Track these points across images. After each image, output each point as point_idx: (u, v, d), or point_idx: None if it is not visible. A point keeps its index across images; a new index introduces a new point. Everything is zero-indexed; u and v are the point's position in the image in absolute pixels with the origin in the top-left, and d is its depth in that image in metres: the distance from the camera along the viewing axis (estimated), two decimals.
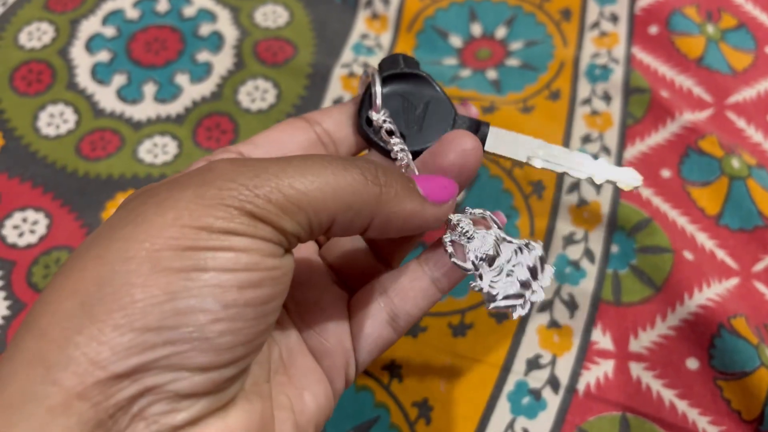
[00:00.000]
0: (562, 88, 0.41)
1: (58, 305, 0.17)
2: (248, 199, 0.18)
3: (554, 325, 0.34)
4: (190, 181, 0.19)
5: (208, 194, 0.18)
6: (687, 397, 0.31)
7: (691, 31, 0.42)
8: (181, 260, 0.17)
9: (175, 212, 0.18)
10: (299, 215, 0.19)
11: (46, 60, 0.43)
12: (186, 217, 0.18)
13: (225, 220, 0.18)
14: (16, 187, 0.38)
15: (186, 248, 0.17)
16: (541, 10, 0.45)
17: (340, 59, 0.43)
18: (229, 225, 0.18)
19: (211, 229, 0.18)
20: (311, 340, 0.24)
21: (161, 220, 0.18)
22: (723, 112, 0.39)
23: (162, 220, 0.18)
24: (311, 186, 0.19)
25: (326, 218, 0.19)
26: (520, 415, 0.32)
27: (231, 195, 0.18)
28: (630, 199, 0.36)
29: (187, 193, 0.18)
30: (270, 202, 0.18)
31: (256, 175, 0.19)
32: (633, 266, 0.34)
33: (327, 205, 0.19)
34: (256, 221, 0.18)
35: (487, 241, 0.23)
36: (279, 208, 0.19)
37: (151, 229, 0.18)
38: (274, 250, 0.19)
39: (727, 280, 0.33)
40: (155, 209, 0.18)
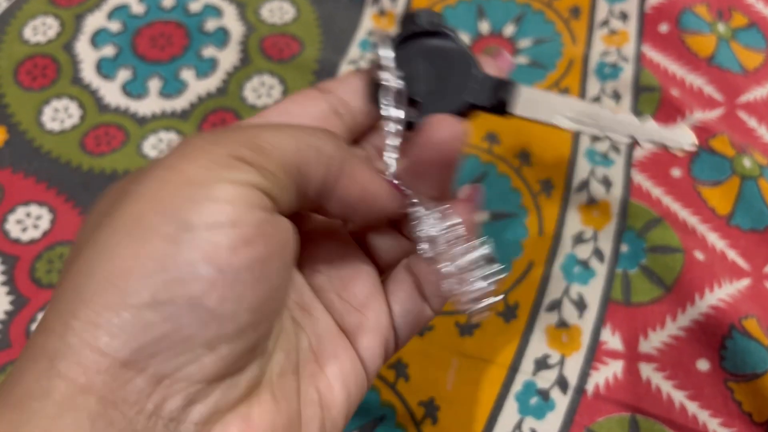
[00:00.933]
0: (571, 86, 0.41)
1: (58, 297, 0.17)
2: (222, 145, 0.18)
3: (563, 325, 0.33)
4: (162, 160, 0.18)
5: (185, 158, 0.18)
6: (697, 399, 0.31)
7: (702, 29, 0.41)
8: (166, 223, 0.17)
9: (156, 183, 0.18)
10: (272, 161, 0.18)
11: (51, 54, 0.43)
12: (166, 179, 0.17)
13: (203, 168, 0.17)
14: (20, 182, 0.38)
15: (169, 208, 0.17)
16: (550, 8, 0.44)
17: (347, 55, 0.43)
18: (207, 173, 0.17)
19: (191, 182, 0.17)
20: (349, 318, 0.23)
21: (142, 189, 0.17)
22: (734, 112, 0.39)
23: (143, 189, 0.17)
24: (280, 134, 0.19)
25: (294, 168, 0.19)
26: (528, 415, 0.31)
27: (204, 148, 0.18)
28: (640, 198, 0.36)
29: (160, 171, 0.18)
30: (243, 145, 0.18)
31: (225, 131, 0.19)
32: (643, 266, 0.34)
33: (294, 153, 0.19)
34: (234, 165, 0.18)
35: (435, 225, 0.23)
36: (253, 149, 0.18)
37: (134, 203, 0.17)
38: (261, 200, 0.18)
39: (738, 281, 0.33)
40: (136, 187, 0.18)
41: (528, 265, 0.35)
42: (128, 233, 0.17)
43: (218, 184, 0.17)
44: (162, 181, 0.17)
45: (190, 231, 0.17)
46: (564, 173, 0.37)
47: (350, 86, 0.24)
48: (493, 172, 0.38)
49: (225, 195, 0.17)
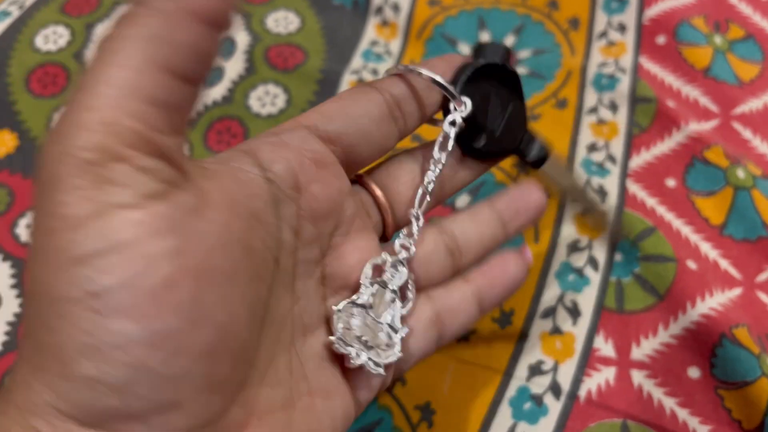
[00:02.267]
0: (569, 96, 0.42)
1: (23, 345, 0.17)
2: (68, 138, 0.16)
3: (557, 332, 0.34)
4: (37, 190, 0.17)
5: (54, 188, 0.16)
6: (688, 406, 0.31)
7: (699, 41, 0.42)
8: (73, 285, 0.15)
9: (36, 221, 0.16)
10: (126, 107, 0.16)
11: (61, 63, 0.44)
12: (48, 227, 0.16)
13: (80, 200, 0.15)
14: (30, 188, 0.39)
15: (67, 264, 0.15)
16: (550, 19, 0.45)
17: (350, 65, 0.44)
18: (86, 208, 0.15)
19: (76, 228, 0.16)
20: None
21: (33, 237, 0.16)
22: (729, 123, 0.39)
23: (33, 237, 0.16)
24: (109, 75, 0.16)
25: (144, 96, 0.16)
26: (522, 420, 0.32)
27: (60, 160, 0.16)
28: (634, 208, 0.37)
29: (35, 192, 0.16)
30: (84, 129, 0.16)
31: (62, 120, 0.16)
32: (636, 274, 0.35)
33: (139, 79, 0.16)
34: (106, 175, 0.16)
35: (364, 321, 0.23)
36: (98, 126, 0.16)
37: (32, 253, 0.16)
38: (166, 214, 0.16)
39: (730, 290, 0.34)
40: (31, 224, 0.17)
41: None
42: (48, 299, 0.16)
43: (109, 223, 0.16)
44: (44, 232, 0.16)
45: (102, 295, 0.15)
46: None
47: (405, 88, 0.24)
48: (491, 180, 0.39)
49: (124, 236, 0.16)
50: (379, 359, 0.23)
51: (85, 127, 0.16)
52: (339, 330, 0.22)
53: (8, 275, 0.36)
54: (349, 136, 0.23)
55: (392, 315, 0.24)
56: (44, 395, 0.16)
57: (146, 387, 0.16)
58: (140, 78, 0.16)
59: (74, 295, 0.15)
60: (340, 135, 0.23)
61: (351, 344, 0.23)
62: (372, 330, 0.23)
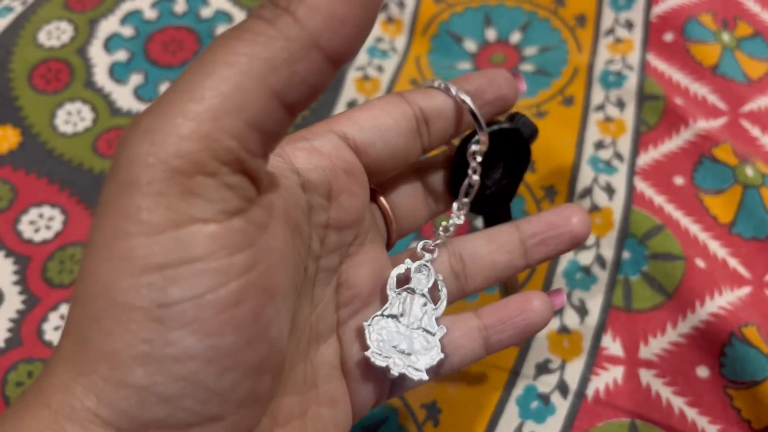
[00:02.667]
0: (575, 93, 0.41)
1: (62, 346, 0.16)
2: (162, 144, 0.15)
3: (564, 330, 0.34)
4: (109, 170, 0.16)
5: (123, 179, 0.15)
6: (697, 405, 0.31)
7: (707, 38, 0.42)
8: (140, 295, 0.15)
9: (107, 221, 0.16)
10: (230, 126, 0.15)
11: (64, 59, 0.44)
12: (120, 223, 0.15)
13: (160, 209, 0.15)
14: (32, 184, 0.39)
15: (139, 272, 0.15)
16: (556, 15, 0.45)
17: (355, 62, 0.44)
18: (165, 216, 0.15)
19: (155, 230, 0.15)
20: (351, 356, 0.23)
21: (100, 238, 0.16)
22: (737, 121, 0.39)
23: (101, 238, 0.16)
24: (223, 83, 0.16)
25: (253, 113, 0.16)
26: (529, 419, 0.32)
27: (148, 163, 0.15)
28: (642, 206, 0.36)
29: (108, 188, 0.16)
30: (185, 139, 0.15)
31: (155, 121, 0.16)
32: (644, 273, 0.34)
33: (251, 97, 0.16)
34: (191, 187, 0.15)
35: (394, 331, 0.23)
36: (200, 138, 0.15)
37: (97, 254, 0.16)
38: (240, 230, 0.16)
39: (739, 289, 0.33)
40: (95, 222, 0.16)
41: (531, 270, 0.35)
42: (106, 302, 0.15)
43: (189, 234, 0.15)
44: (116, 234, 0.15)
45: (169, 306, 0.15)
46: (567, 180, 0.38)
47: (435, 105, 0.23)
48: None
49: (201, 250, 0.15)
50: (420, 364, 0.23)
51: (182, 135, 0.15)
52: (373, 342, 0.23)
53: (11, 272, 0.36)
54: (377, 149, 0.22)
55: (426, 319, 0.24)
56: (86, 400, 0.15)
57: (195, 400, 0.16)
58: (250, 99, 0.16)
59: (140, 304, 0.15)
60: (368, 147, 0.22)
61: (387, 355, 0.23)
62: (407, 338, 0.23)
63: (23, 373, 0.33)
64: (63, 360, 0.16)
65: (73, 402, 0.15)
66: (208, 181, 0.16)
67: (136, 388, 0.15)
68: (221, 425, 0.16)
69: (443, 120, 0.23)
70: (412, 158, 0.24)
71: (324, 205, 0.21)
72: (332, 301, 0.23)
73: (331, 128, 0.22)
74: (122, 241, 0.15)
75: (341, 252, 0.23)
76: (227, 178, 0.16)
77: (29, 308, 0.35)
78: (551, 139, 0.39)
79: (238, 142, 0.16)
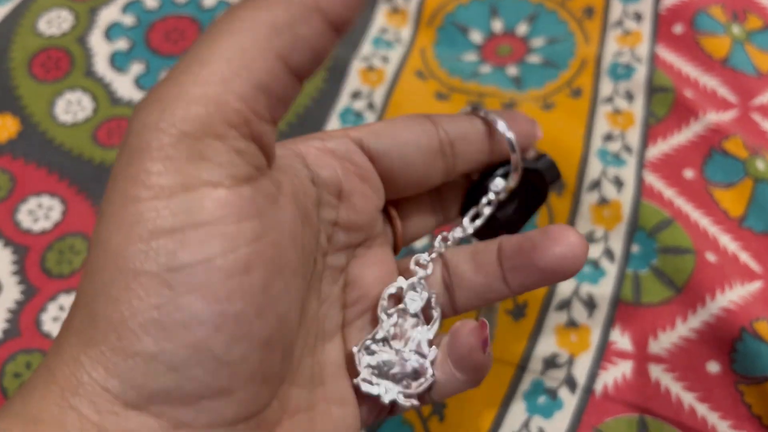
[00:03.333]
0: (583, 85, 0.41)
1: (70, 320, 0.16)
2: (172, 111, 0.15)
3: (572, 324, 0.33)
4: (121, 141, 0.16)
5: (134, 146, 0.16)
6: (707, 401, 0.30)
7: (717, 31, 0.41)
8: (149, 259, 0.15)
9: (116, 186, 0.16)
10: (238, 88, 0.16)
11: (64, 47, 0.43)
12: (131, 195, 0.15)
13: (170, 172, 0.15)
14: (31, 173, 0.38)
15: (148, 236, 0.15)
16: (563, 7, 0.44)
17: (360, 52, 0.43)
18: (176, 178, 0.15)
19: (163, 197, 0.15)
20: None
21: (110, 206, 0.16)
22: (747, 114, 0.38)
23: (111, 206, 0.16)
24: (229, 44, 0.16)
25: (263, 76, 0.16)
26: (536, 414, 0.31)
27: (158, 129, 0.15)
28: (652, 199, 0.36)
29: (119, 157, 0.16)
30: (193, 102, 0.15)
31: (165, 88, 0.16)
32: (654, 267, 0.34)
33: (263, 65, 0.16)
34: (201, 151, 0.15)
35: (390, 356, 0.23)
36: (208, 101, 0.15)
37: (107, 222, 0.16)
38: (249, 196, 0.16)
39: (750, 283, 0.33)
40: (106, 192, 0.16)
41: None
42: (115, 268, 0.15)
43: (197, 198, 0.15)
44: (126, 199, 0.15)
45: (179, 270, 0.15)
46: (575, 172, 0.37)
47: (462, 129, 0.23)
48: None
49: (209, 213, 0.15)
50: (411, 390, 0.22)
51: (190, 99, 0.15)
52: (362, 370, 0.22)
53: (9, 262, 0.35)
54: (392, 159, 0.22)
55: (418, 340, 0.23)
56: (93, 372, 0.15)
57: (203, 370, 0.15)
58: (255, 61, 0.16)
59: (149, 268, 0.15)
60: (382, 155, 0.22)
61: (377, 382, 0.22)
62: (399, 362, 0.23)
63: (21, 363, 0.32)
64: (71, 334, 0.16)
65: (80, 375, 0.15)
66: (217, 144, 0.16)
67: (145, 356, 0.15)
68: (230, 400, 0.16)
69: (469, 144, 0.23)
70: (434, 177, 0.24)
71: (333, 203, 0.21)
72: (339, 300, 0.23)
73: (347, 133, 0.22)
74: (132, 206, 0.15)
75: (348, 252, 0.23)
76: (236, 142, 0.16)
77: (28, 298, 0.34)
78: (559, 131, 0.39)
79: (245, 104, 0.16)
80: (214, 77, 0.16)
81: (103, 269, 0.15)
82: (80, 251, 0.36)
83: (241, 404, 0.16)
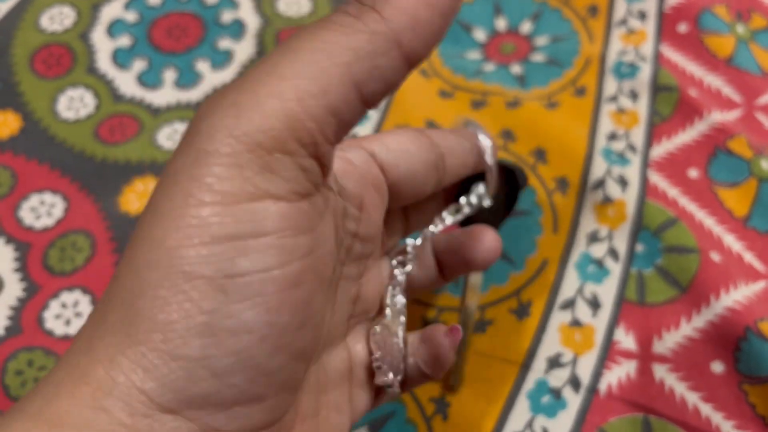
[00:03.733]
0: (587, 84, 0.41)
1: (104, 318, 0.16)
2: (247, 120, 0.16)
3: (576, 324, 0.33)
4: (183, 140, 0.17)
5: (201, 148, 0.16)
6: (711, 401, 0.30)
7: (721, 30, 0.41)
8: (208, 264, 0.15)
9: (179, 188, 0.16)
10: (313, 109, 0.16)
11: (66, 43, 0.43)
12: (193, 191, 0.15)
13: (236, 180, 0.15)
14: (33, 170, 0.38)
15: (209, 241, 0.15)
16: (568, 6, 0.44)
17: None
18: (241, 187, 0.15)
19: (229, 200, 0.15)
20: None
21: (169, 204, 0.16)
22: (752, 113, 0.38)
23: (170, 204, 0.16)
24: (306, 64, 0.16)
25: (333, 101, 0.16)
26: (540, 413, 0.31)
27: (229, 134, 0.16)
28: (656, 198, 0.36)
29: (182, 158, 0.16)
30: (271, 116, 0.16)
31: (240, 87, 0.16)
32: (658, 266, 0.34)
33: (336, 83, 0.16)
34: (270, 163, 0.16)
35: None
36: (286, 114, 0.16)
37: (164, 220, 0.16)
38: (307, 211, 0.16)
39: (754, 283, 0.33)
40: (162, 190, 0.16)
41: (542, 263, 0.35)
42: (168, 269, 0.15)
43: (261, 208, 0.16)
44: (189, 200, 0.15)
45: (235, 278, 0.15)
46: (580, 171, 0.37)
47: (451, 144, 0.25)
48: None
49: (271, 224, 0.16)
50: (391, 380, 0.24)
51: (267, 111, 0.16)
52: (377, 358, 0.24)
53: (11, 258, 0.35)
54: (399, 171, 0.23)
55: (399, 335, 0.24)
56: (131, 374, 0.15)
57: (243, 377, 0.16)
58: (332, 85, 0.16)
59: (206, 273, 0.15)
60: (392, 167, 0.23)
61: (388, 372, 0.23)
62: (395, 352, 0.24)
63: (23, 361, 0.32)
64: (107, 333, 0.15)
65: (116, 375, 0.15)
66: (286, 159, 0.16)
67: (189, 360, 0.15)
68: (260, 407, 0.16)
69: (455, 158, 0.25)
70: (427, 190, 0.24)
71: (356, 215, 0.22)
72: (347, 310, 0.23)
73: (360, 144, 0.23)
74: (195, 209, 0.15)
75: (360, 264, 0.23)
76: (302, 159, 0.16)
77: (30, 296, 0.34)
78: (563, 130, 0.39)
79: (317, 125, 0.16)
80: (291, 94, 0.16)
81: (152, 267, 0.15)
82: (82, 248, 0.35)
83: (270, 411, 0.17)
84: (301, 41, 0.16)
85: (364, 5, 0.17)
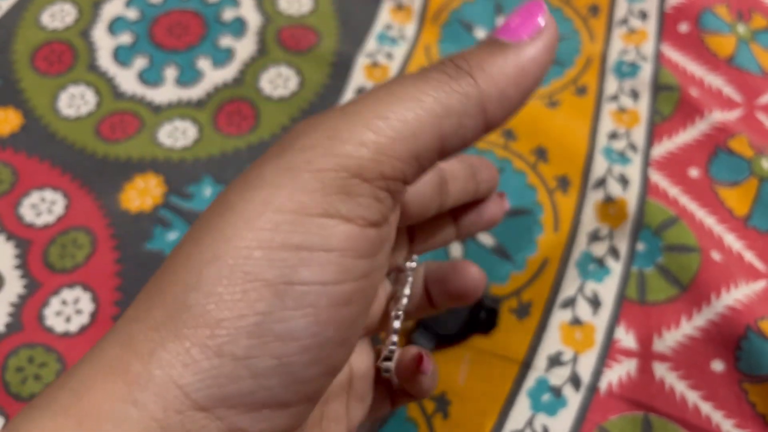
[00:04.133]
0: (588, 83, 0.41)
1: (148, 312, 0.16)
2: (335, 152, 0.17)
3: (577, 322, 0.33)
4: (271, 151, 0.18)
5: (291, 161, 0.17)
6: (711, 399, 0.30)
7: (722, 30, 0.41)
8: (272, 267, 0.16)
9: (260, 193, 0.16)
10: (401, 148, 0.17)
11: (68, 41, 0.43)
12: (273, 197, 0.16)
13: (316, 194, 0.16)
14: (34, 167, 0.38)
15: (278, 246, 0.16)
16: (569, 5, 0.44)
17: (364, 48, 0.43)
18: (320, 202, 0.16)
19: (305, 211, 0.16)
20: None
21: (247, 206, 0.16)
22: (753, 113, 0.38)
23: (247, 206, 0.16)
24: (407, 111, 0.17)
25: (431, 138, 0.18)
26: (540, 411, 0.31)
27: (315, 159, 0.17)
28: (657, 197, 0.36)
29: (269, 166, 0.17)
30: (363, 145, 0.17)
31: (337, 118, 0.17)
32: (659, 265, 0.34)
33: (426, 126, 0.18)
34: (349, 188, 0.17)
35: None
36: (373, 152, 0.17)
37: (237, 220, 0.16)
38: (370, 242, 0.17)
39: (755, 282, 0.33)
40: (240, 192, 0.17)
41: (543, 261, 0.35)
42: (231, 267, 0.16)
43: (332, 225, 0.16)
44: (267, 205, 0.16)
45: (294, 285, 0.16)
46: (581, 170, 0.37)
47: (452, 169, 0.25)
48: (510, 168, 0.38)
49: (337, 242, 0.17)
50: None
51: (361, 141, 0.17)
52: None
53: (12, 255, 0.35)
54: (410, 193, 0.23)
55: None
56: (169, 368, 0.15)
57: (279, 382, 0.16)
58: (423, 134, 0.17)
59: (268, 276, 0.16)
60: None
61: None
62: None
63: (24, 358, 0.32)
64: (150, 328, 0.16)
65: (154, 369, 0.15)
66: (365, 186, 0.17)
67: (233, 358, 0.15)
68: (286, 412, 0.17)
69: (456, 182, 0.25)
70: (430, 212, 0.25)
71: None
72: None
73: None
74: (272, 214, 0.16)
75: None
76: (378, 191, 0.17)
77: (30, 293, 0.34)
78: (564, 129, 0.39)
79: (400, 164, 0.17)
80: (387, 132, 0.17)
81: (213, 263, 0.16)
82: (83, 245, 0.35)
83: (293, 417, 0.17)
84: (404, 87, 0.17)
85: (461, 69, 0.18)
